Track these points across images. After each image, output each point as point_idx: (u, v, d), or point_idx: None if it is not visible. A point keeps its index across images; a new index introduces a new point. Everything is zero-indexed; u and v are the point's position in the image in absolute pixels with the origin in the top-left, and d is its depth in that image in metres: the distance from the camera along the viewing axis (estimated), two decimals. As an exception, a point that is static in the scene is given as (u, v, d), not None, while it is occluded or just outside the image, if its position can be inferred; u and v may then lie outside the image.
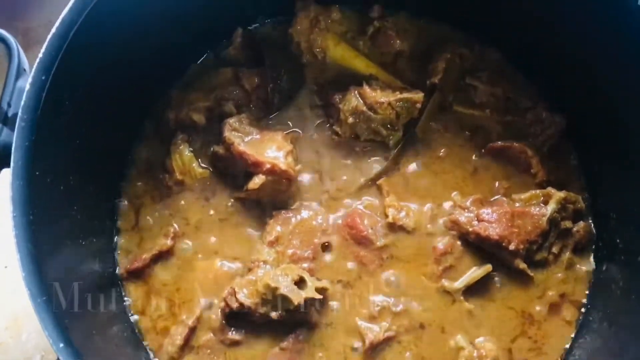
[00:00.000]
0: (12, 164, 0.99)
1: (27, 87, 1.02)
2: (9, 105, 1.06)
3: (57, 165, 1.10)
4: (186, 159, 1.39)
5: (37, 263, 0.96)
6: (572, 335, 1.28)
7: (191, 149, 1.40)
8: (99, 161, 1.27)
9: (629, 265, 1.20)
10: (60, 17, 1.05)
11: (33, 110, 1.02)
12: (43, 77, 1.03)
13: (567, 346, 1.28)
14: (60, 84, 1.05)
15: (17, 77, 1.07)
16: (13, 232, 0.96)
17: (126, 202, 1.39)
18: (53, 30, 1.04)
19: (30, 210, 0.99)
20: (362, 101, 1.37)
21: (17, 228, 0.96)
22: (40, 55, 1.03)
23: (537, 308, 1.30)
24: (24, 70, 1.09)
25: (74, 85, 1.10)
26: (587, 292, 1.31)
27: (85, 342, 1.00)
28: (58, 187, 1.11)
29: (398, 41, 1.47)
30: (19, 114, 1.00)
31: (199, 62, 1.47)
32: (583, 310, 1.30)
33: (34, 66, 1.02)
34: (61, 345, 0.92)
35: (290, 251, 1.32)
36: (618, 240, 1.25)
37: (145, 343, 1.29)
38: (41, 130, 1.02)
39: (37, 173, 1.02)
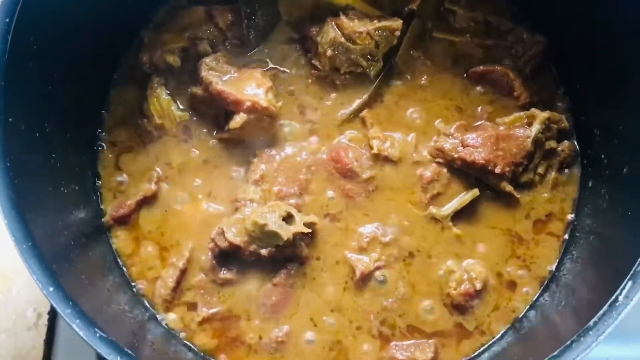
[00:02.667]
0: (-17, 110, 0.97)
1: (-8, 31, 0.98)
2: (-26, 51, 1.01)
3: (31, 112, 1.08)
4: (164, 103, 1.36)
5: (19, 209, 0.94)
6: (560, 252, 1.30)
7: (168, 92, 1.37)
8: (75, 108, 1.24)
9: (614, 179, 1.20)
10: (20, -46, 1.00)
11: (0, 55, 0.98)
12: (7, 20, 1.00)
13: (555, 263, 1.29)
14: (25, 27, 1.02)
15: (-19, 23, 1.03)
16: (-9, 179, 0.94)
17: (106, 149, 1.36)
18: (13, -31, 1.00)
19: (7, 157, 0.96)
20: (339, 32, 1.34)
21: (-5, 175, 0.94)
22: (2, -3, 1.00)
23: (525, 228, 1.31)
24: (-13, 15, 1.04)
25: (39, 28, 1.07)
26: (573, 209, 1.32)
27: (75, 287, 0.99)
28: (34, 134, 1.09)
29: (373, -32, 1.43)
30: (-15, 58, 0.97)
31: (169, 1, 1.42)
32: (570, 227, 1.31)
33: (-3, 8, 0.99)
34: (51, 289, 0.91)
35: (276, 188, 1.32)
36: (603, 156, 1.25)
37: (137, 288, 1.29)
38: (10, 75, 1.00)
39: (10, 119, 0.99)
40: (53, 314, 1.43)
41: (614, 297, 0.90)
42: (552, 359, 0.89)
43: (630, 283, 0.90)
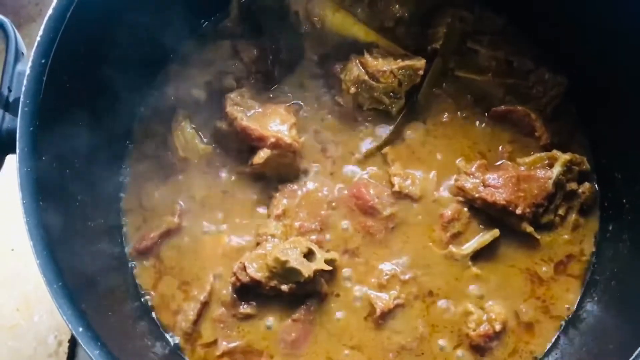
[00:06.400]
0: (17, 150, 0.99)
1: (28, 71, 1.01)
2: (9, 90, 1.04)
3: (62, 150, 1.09)
4: (188, 136, 1.38)
5: (50, 249, 0.96)
6: (579, 295, 1.30)
7: (193, 125, 1.39)
8: (102, 143, 1.25)
9: (636, 224, 1.21)
10: (55, -1, 1.03)
11: (35, 95, 1.01)
12: (43, 61, 1.02)
13: (575, 305, 1.30)
14: (60, 67, 1.04)
15: (16, 62, 1.06)
16: (24, 219, 0.96)
17: (131, 182, 1.38)
18: (49, 12, 1.03)
19: (40, 196, 0.98)
20: (363, 70, 1.36)
21: (27, 215, 0.96)
22: (39, 38, 1.02)
23: (544, 269, 1.32)
24: (22, 54, 1.07)
25: (73, 67, 1.09)
26: (593, 252, 1.33)
27: (101, 323, 1.01)
28: (64, 172, 1.11)
29: (397, 6, 1.44)
30: (22, 99, 1.00)
31: (196, 36, 1.45)
32: (590, 270, 1.32)
33: (33, 50, 1.02)
34: (80, 329, 0.93)
35: (297, 224, 1.33)
36: (624, 200, 1.26)
37: (158, 321, 1.30)
38: (44, 114, 1.02)
39: (43, 158, 1.02)
40: (73, 342, 1.45)
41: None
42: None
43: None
